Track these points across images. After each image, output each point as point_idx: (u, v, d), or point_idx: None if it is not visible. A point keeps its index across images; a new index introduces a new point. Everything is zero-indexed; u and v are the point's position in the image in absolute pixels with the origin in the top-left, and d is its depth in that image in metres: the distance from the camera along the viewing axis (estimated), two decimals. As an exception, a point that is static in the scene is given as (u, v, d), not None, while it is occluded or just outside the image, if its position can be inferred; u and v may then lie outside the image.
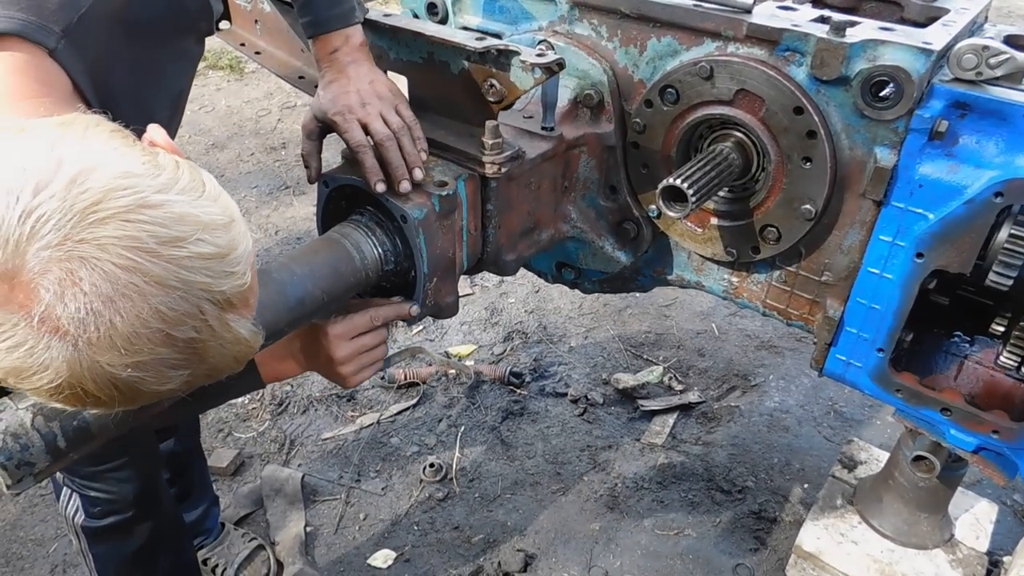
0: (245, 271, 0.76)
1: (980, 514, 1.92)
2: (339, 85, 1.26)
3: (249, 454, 2.47)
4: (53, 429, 0.87)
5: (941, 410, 1.34)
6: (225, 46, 2.62)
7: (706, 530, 2.21)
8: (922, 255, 1.22)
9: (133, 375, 0.70)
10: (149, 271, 0.68)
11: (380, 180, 1.21)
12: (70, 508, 1.60)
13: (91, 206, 0.66)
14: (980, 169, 1.15)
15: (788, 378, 2.77)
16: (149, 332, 0.69)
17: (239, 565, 2.07)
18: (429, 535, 2.21)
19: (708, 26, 1.29)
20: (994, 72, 1.12)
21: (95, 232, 0.66)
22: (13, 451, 0.84)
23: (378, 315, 1.27)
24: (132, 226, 0.67)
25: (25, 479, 0.87)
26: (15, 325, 0.66)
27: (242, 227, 0.77)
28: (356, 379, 1.31)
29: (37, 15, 0.94)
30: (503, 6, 1.56)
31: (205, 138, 4.49)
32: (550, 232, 1.53)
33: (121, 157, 0.71)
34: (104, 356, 0.68)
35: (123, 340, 0.68)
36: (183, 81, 1.34)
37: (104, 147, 0.71)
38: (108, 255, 0.66)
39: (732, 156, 1.31)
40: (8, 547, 2.17)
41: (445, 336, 3.00)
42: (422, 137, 1.27)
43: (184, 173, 0.74)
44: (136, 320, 0.68)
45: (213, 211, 0.74)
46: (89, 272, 0.66)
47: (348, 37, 1.29)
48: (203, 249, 0.71)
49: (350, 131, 1.23)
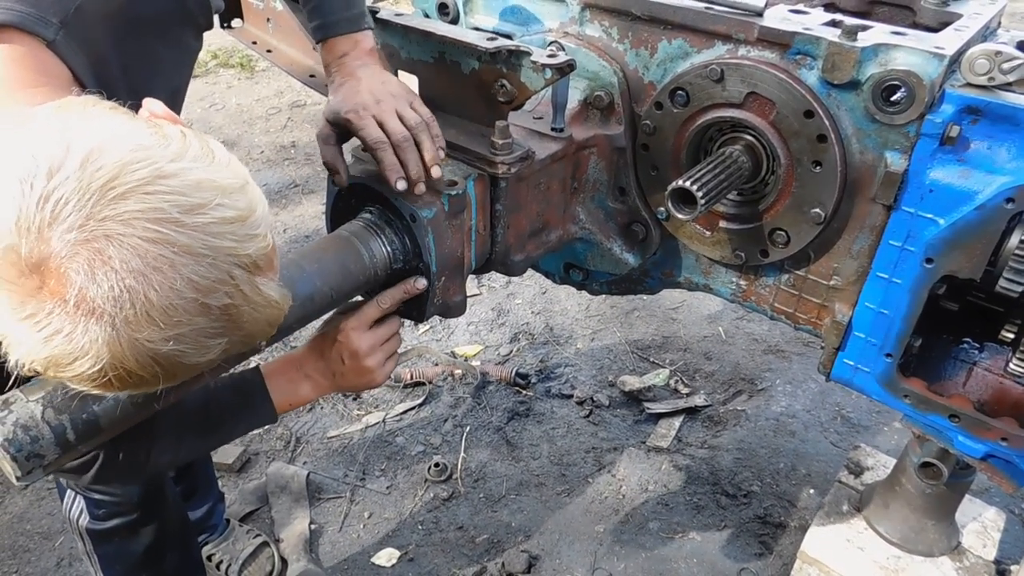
0: (266, 233, 0.76)
1: (988, 522, 1.91)
2: (350, 86, 1.23)
3: (255, 451, 2.48)
4: (63, 421, 0.87)
5: (949, 416, 1.33)
6: (237, 44, 2.63)
7: (711, 534, 2.20)
8: (932, 260, 1.21)
9: (174, 348, 0.69)
10: (177, 241, 0.67)
11: (401, 178, 1.16)
12: (74, 510, 1.59)
13: (108, 182, 0.65)
14: (992, 175, 1.15)
15: (795, 383, 2.76)
16: (184, 303, 0.68)
17: (243, 561, 2.08)
18: (433, 535, 2.21)
19: (719, 29, 1.29)
20: (1007, 77, 1.12)
21: (116, 208, 0.65)
22: (23, 443, 0.85)
23: (384, 298, 1.24)
24: (153, 198, 0.66)
25: (35, 471, 0.87)
26: (50, 313, 0.65)
27: (256, 189, 0.77)
28: (383, 372, 1.27)
29: (35, 6, 0.94)
30: (514, 7, 1.56)
31: (215, 135, 4.47)
32: (558, 233, 1.53)
33: (128, 131, 0.70)
34: (143, 332, 0.67)
35: (160, 314, 0.67)
36: (181, 75, 1.32)
37: (108, 124, 0.71)
38: (134, 230, 0.65)
39: (742, 159, 1.31)
40: (15, 540, 2.19)
41: (452, 336, 3.00)
42: (440, 134, 1.22)
43: (192, 141, 0.74)
44: (171, 292, 0.67)
45: (228, 175, 0.73)
46: (117, 249, 0.65)
47: (358, 42, 1.27)
48: (225, 213, 0.70)
49: (366, 128, 1.18)
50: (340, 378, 1.26)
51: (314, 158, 4.27)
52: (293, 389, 1.25)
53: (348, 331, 1.22)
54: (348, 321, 1.23)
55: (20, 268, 0.65)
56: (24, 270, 0.65)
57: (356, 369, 1.24)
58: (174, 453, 1.18)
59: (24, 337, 0.67)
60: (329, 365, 1.25)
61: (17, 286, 0.65)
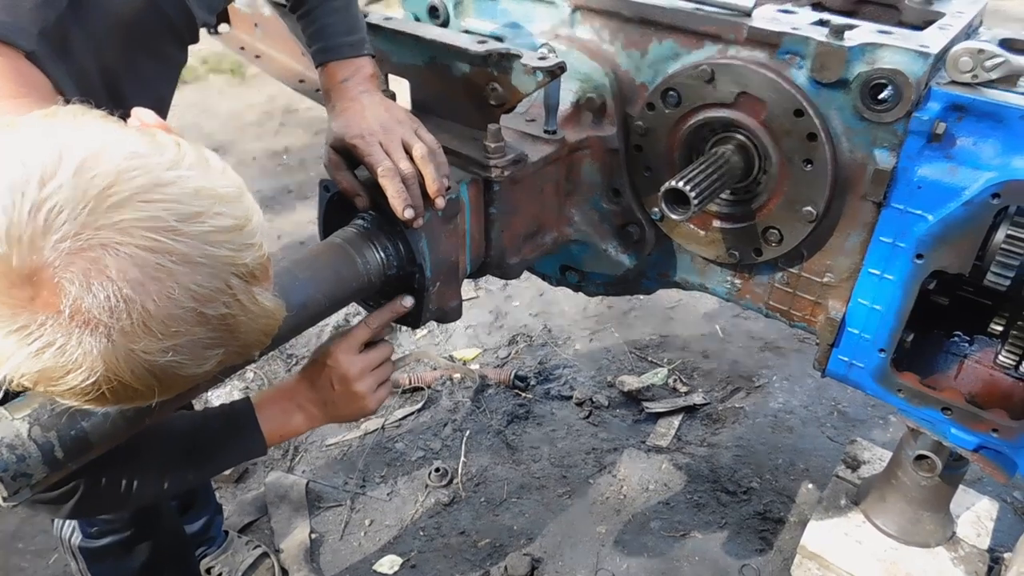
0: (262, 242, 0.75)
1: (981, 512, 1.93)
2: (353, 112, 1.21)
3: (253, 461, 2.48)
4: (50, 439, 0.84)
5: (942, 409, 1.35)
6: (226, 49, 2.62)
7: (712, 531, 2.21)
8: (922, 256, 1.23)
9: (171, 360, 0.68)
10: (175, 250, 0.66)
11: (409, 206, 1.13)
12: (66, 529, 1.56)
13: (105, 190, 0.63)
14: (978, 170, 1.16)
15: (792, 379, 2.77)
16: (183, 312, 0.67)
17: (243, 573, 2.07)
18: (435, 540, 2.21)
19: (709, 29, 1.30)
20: (990, 75, 1.13)
21: (113, 217, 0.63)
22: (9, 462, 0.82)
23: (372, 319, 1.23)
24: (150, 206, 0.65)
25: (22, 491, 0.84)
26: (42, 325, 0.63)
27: (251, 198, 0.76)
28: (375, 398, 1.23)
29: (13, 16, 0.92)
30: (505, 9, 1.57)
31: (207, 142, 4.50)
32: (554, 235, 1.54)
33: (122, 139, 0.69)
34: (140, 343, 0.66)
35: (158, 324, 0.66)
36: (166, 87, 1.31)
37: (101, 131, 0.69)
38: (131, 238, 0.64)
39: (734, 159, 1.32)
40: (8, 559, 2.16)
41: (450, 340, 3.00)
42: (445, 162, 1.21)
43: (187, 149, 0.73)
44: (168, 302, 0.66)
45: (224, 183, 0.72)
46: (114, 259, 0.63)
47: (359, 68, 1.25)
48: (223, 222, 0.69)
49: (373, 155, 1.16)
50: (331, 407, 1.23)
51: (307, 163, 4.27)
52: (285, 420, 1.22)
53: (337, 354, 1.19)
54: (337, 344, 1.20)
55: (11, 279, 0.63)
56: (15, 281, 0.63)
57: (347, 395, 1.21)
58: (158, 486, 1.14)
59: (13, 350, 0.64)
60: (320, 393, 1.22)
61: (8, 297, 0.63)
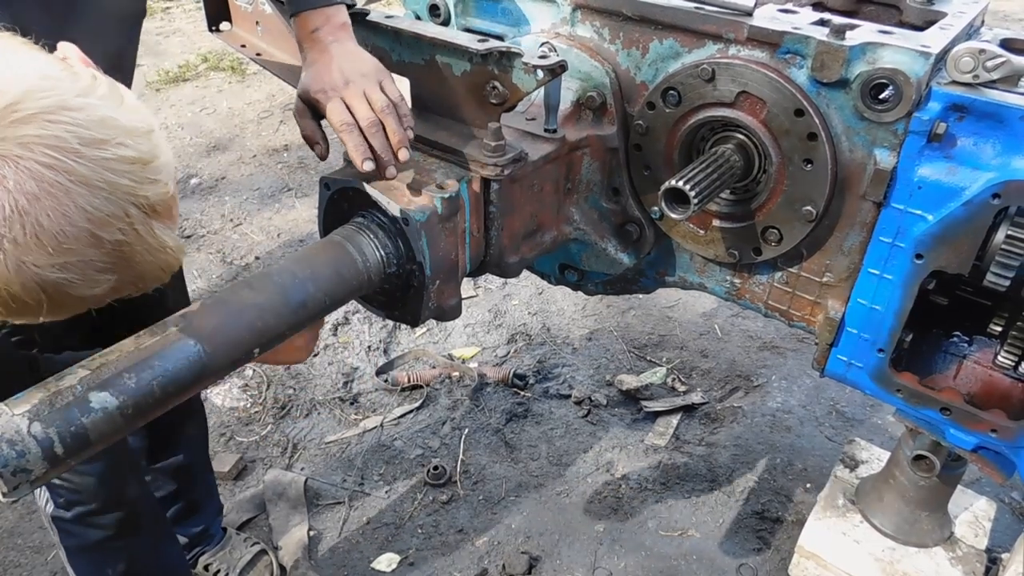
0: (168, 181, 0.77)
1: (979, 512, 1.93)
2: (321, 63, 1.22)
3: (252, 458, 2.48)
4: (50, 435, 0.84)
5: (941, 409, 1.35)
6: (227, 47, 2.62)
7: (710, 531, 2.21)
8: (921, 256, 1.23)
9: (61, 277, 0.70)
10: (74, 170, 0.67)
11: (368, 159, 1.15)
12: (41, 498, 1.55)
13: (11, 105, 0.65)
14: (978, 171, 1.16)
15: (790, 378, 2.78)
16: (76, 231, 0.69)
17: (241, 570, 2.06)
18: (433, 538, 2.21)
19: (709, 28, 1.30)
20: (991, 75, 1.13)
21: (16, 131, 0.65)
22: (9, 458, 0.82)
23: None
24: (55, 126, 0.67)
25: (22, 486, 0.84)
26: None
27: (162, 139, 0.78)
28: None
29: None
30: (505, 8, 1.57)
31: (206, 140, 4.50)
32: (553, 234, 1.54)
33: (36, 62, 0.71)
34: (30, 256, 0.67)
35: (50, 239, 0.67)
36: (120, 40, 1.29)
37: (17, 53, 0.71)
38: (32, 153, 0.66)
39: (734, 158, 1.32)
40: (6, 555, 2.16)
41: (449, 338, 3.00)
42: (408, 114, 1.22)
43: (102, 83, 0.75)
44: (63, 219, 0.67)
45: (134, 119, 0.74)
46: (13, 171, 0.65)
47: (329, 17, 1.25)
48: (126, 152, 0.71)
49: (332, 110, 1.18)
50: None
51: (307, 161, 4.26)
52: None
53: None
54: None
55: None
56: None
57: None
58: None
59: None
60: None
61: None
